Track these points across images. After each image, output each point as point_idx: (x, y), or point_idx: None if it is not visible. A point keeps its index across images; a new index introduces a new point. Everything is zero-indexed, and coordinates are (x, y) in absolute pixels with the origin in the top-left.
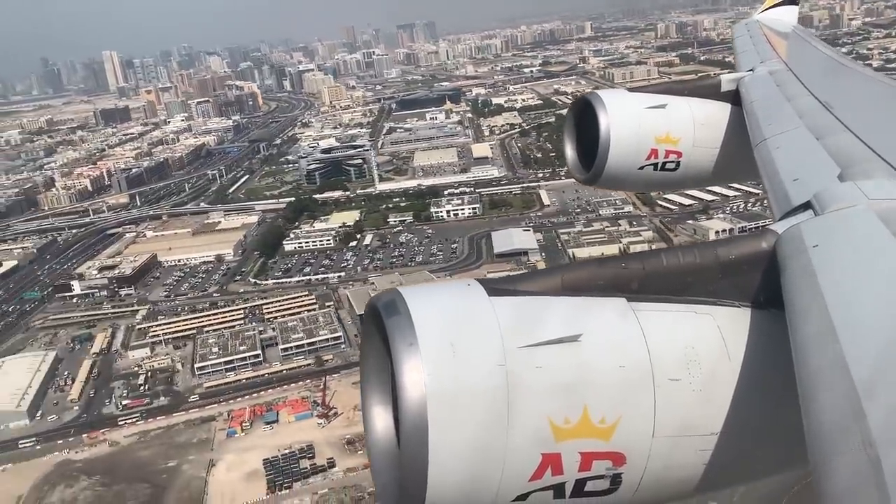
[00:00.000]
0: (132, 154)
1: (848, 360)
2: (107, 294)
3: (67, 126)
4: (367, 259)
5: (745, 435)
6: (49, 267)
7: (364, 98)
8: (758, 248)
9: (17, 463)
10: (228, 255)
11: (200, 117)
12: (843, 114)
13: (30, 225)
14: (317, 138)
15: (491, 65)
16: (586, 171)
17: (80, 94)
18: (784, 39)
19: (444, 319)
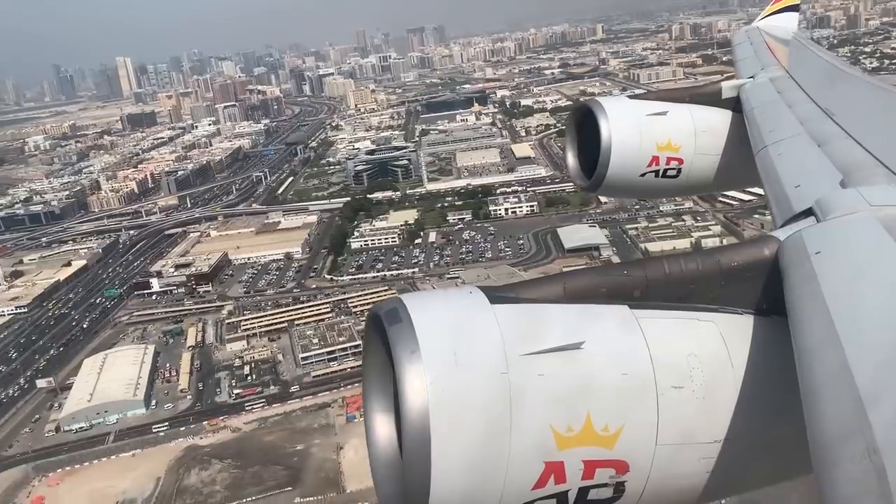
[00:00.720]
0: (171, 158)
1: (851, 367)
2: (185, 291)
3: (93, 131)
4: (436, 255)
5: (749, 443)
6: (116, 266)
7: (388, 101)
8: (760, 255)
9: (145, 448)
10: (297, 252)
11: (228, 121)
12: (845, 120)
13: (87, 226)
14: (352, 140)
15: (508, 67)
16: (588, 179)
17: (95, 100)
18: (784, 46)
19: (446, 327)
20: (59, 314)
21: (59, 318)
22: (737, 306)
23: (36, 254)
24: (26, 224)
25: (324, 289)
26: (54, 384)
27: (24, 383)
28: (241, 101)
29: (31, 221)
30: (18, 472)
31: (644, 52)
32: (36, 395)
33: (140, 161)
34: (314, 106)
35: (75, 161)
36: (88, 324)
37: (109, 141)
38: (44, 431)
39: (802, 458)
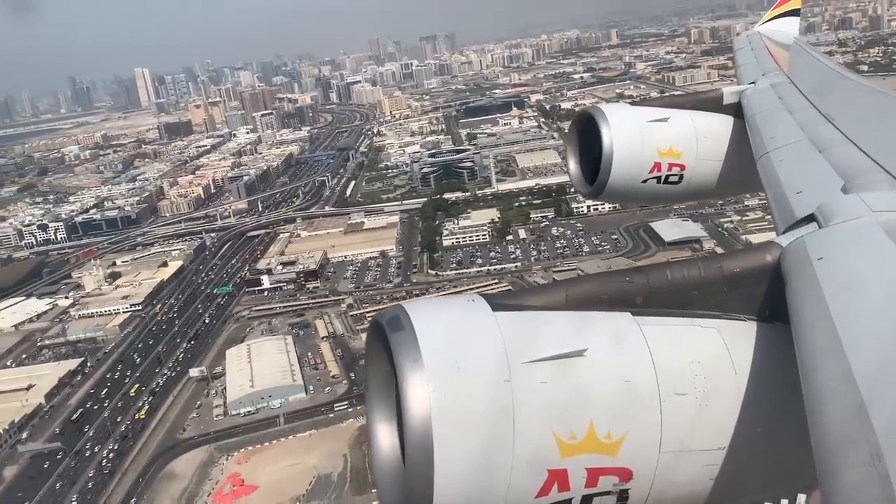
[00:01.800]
0: (227, 164)
1: (854, 373)
2: (294, 287)
3: (127, 141)
4: (532, 251)
5: (753, 449)
6: (211, 266)
7: (422, 107)
8: (762, 261)
9: (318, 429)
10: (391, 250)
11: (266, 129)
12: (846, 126)
13: (166, 230)
14: (401, 146)
15: (531, 72)
16: (590, 185)
17: (114, 111)
18: (785, 51)
19: (448, 335)
20: (175, 311)
21: (177, 314)
22: (739, 313)
23: (126, 256)
24: (103, 228)
25: (431, 283)
26: (206, 373)
27: (170, 373)
28: (277, 110)
29: (107, 226)
30: (202, 452)
31: (668, 56)
32: (188, 383)
33: (196, 168)
34: (345, 113)
35: (121, 169)
36: (209, 319)
37: (152, 149)
38: (212, 416)
39: (806, 465)
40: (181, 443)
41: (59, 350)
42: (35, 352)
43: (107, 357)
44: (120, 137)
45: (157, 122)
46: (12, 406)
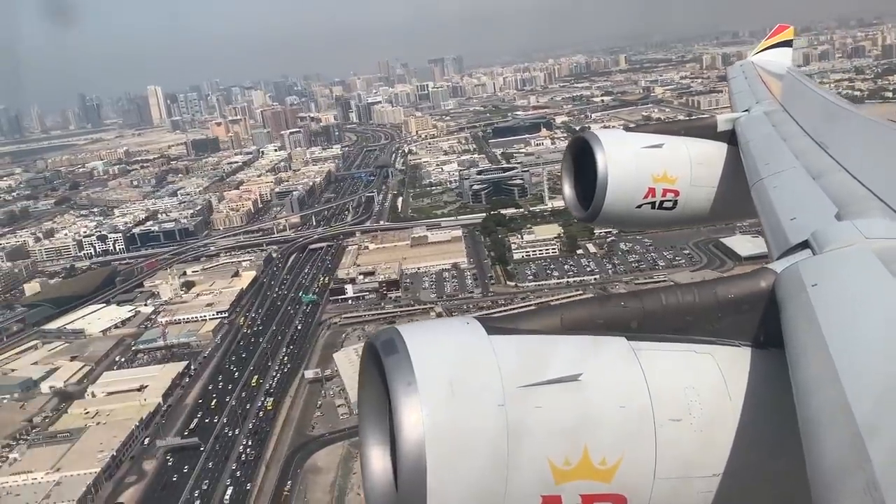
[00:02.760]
0: (269, 180)
1: (850, 400)
2: (376, 297)
3: (152, 157)
4: (608, 264)
5: (747, 476)
6: (284, 276)
7: (447, 127)
8: (757, 287)
9: None
10: (462, 262)
11: (294, 147)
12: (839, 153)
13: (227, 241)
14: (439, 164)
15: (549, 95)
16: (584, 210)
17: (125, 128)
18: (779, 80)
19: (443, 358)
20: (261, 318)
21: (264, 321)
22: (734, 338)
23: (195, 266)
24: (161, 240)
25: (511, 293)
26: (320, 374)
27: (279, 374)
28: (303, 128)
29: (165, 238)
30: (338, 448)
31: (683, 81)
32: (302, 384)
33: (239, 183)
34: (368, 133)
35: (154, 184)
36: (300, 325)
37: (183, 165)
38: (338, 415)
39: (802, 493)
40: (313, 439)
41: (153, 354)
42: (131, 356)
43: (208, 361)
44: (142, 153)
45: (177, 138)
46: (131, 405)
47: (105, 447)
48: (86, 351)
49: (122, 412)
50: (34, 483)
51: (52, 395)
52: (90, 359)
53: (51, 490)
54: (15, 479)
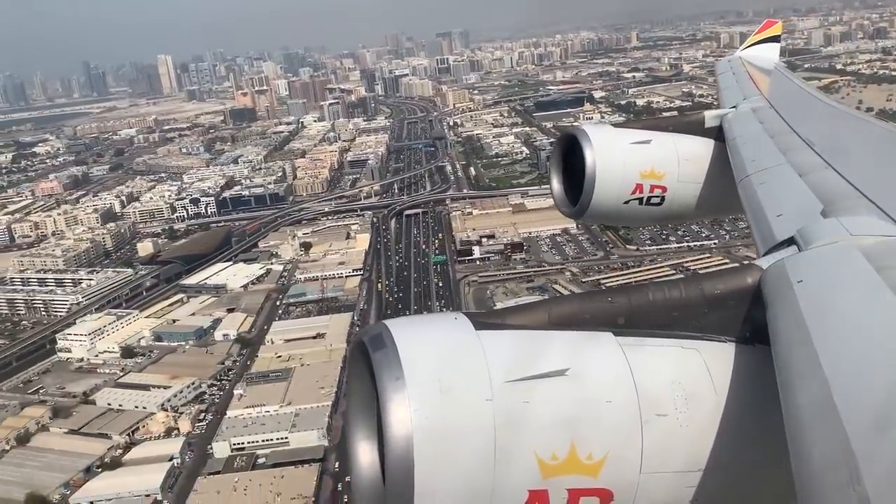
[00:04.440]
0: (333, 149)
1: (834, 395)
2: (501, 258)
3: (184, 125)
4: (721, 230)
5: (733, 471)
6: (396, 239)
7: (484, 101)
8: (743, 283)
9: None
10: (572, 227)
11: (332, 118)
12: (825, 151)
13: (323, 206)
14: (496, 136)
15: (571, 70)
16: (572, 206)
17: (136, 97)
18: (766, 76)
19: (430, 354)
20: (395, 276)
21: (399, 279)
22: (720, 334)
23: (304, 229)
24: (252, 204)
25: (634, 256)
26: None
27: None
28: (341, 100)
29: (256, 202)
30: None
31: (707, 59)
32: None
33: (302, 152)
34: (401, 105)
35: (203, 151)
36: (441, 283)
37: (229, 134)
38: None
39: (786, 487)
40: None
41: (304, 308)
42: (285, 308)
43: (366, 312)
44: (169, 122)
45: (199, 107)
46: (318, 350)
47: (324, 384)
48: (238, 304)
49: (312, 356)
50: (272, 415)
51: (234, 342)
52: (248, 311)
53: (294, 419)
54: (249, 412)
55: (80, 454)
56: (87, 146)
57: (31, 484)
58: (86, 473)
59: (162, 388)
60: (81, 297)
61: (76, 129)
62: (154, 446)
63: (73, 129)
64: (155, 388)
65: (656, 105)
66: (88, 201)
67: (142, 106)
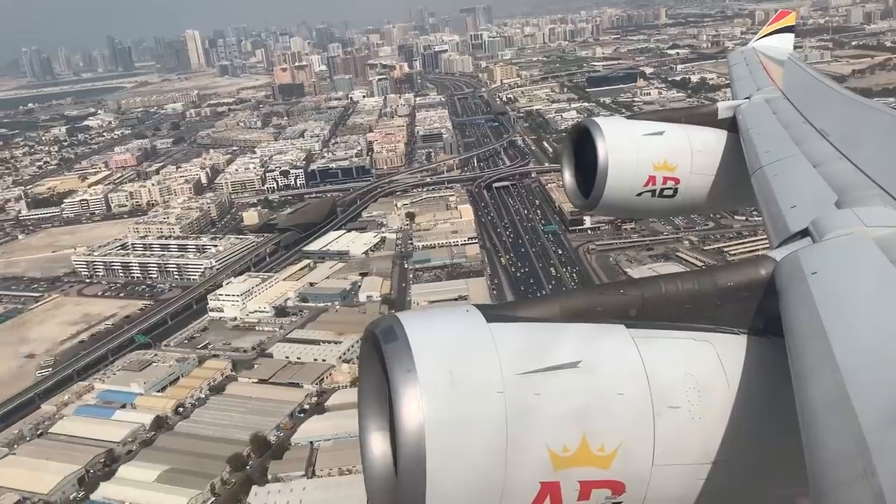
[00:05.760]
0: (399, 124)
1: (848, 387)
2: (610, 227)
3: (229, 100)
4: None
5: (745, 463)
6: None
7: (531, 76)
8: (756, 275)
9: None
10: None
11: (380, 94)
12: (840, 141)
13: (409, 180)
14: (558, 111)
15: (611, 47)
16: (584, 198)
17: (165, 72)
18: (780, 67)
19: (442, 346)
20: (509, 244)
21: (515, 247)
22: (733, 326)
23: (402, 200)
24: (339, 177)
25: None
26: None
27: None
28: (389, 76)
29: (343, 175)
30: None
31: (746, 36)
32: None
33: (367, 127)
34: (445, 81)
35: (259, 126)
36: (560, 251)
37: (284, 109)
38: None
39: (799, 480)
40: None
41: (431, 273)
42: (414, 273)
43: (493, 276)
44: (212, 97)
45: (236, 82)
46: None
47: None
48: (369, 268)
49: None
50: None
51: (381, 302)
52: (380, 275)
53: None
54: None
55: (278, 401)
56: (139, 120)
57: (248, 426)
58: (290, 418)
59: (333, 343)
60: (215, 261)
61: (120, 104)
62: (347, 394)
63: (117, 103)
64: (325, 343)
65: (711, 82)
66: (174, 173)
67: (173, 81)
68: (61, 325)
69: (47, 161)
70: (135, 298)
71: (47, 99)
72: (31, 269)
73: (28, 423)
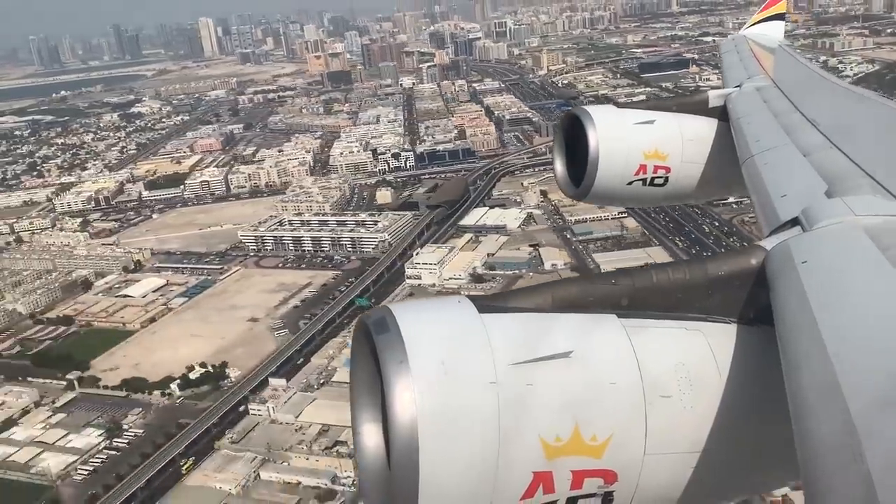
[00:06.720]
0: (477, 108)
1: (839, 376)
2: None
3: (269, 87)
4: None
5: (737, 451)
6: None
7: (576, 63)
8: (746, 264)
9: None
10: None
11: (428, 82)
12: (830, 130)
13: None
14: (627, 95)
15: (640, 34)
16: (575, 187)
17: (178, 60)
18: (771, 55)
19: (434, 337)
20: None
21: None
22: (724, 315)
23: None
24: (446, 158)
25: None
26: None
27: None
28: (437, 63)
29: (450, 157)
30: None
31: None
32: None
33: (447, 112)
34: (487, 69)
35: (323, 112)
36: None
37: (341, 95)
38: None
39: (791, 467)
40: None
41: (596, 244)
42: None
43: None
44: (249, 84)
45: (261, 69)
46: None
47: None
48: (537, 241)
49: None
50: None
51: (570, 270)
52: (552, 245)
53: None
54: None
55: None
56: (192, 106)
57: None
58: None
59: None
60: (387, 235)
61: (159, 91)
62: None
63: (156, 90)
64: None
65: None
66: (280, 156)
67: (193, 69)
68: (261, 292)
69: (124, 147)
70: (318, 269)
71: (77, 86)
72: (191, 245)
73: (305, 374)
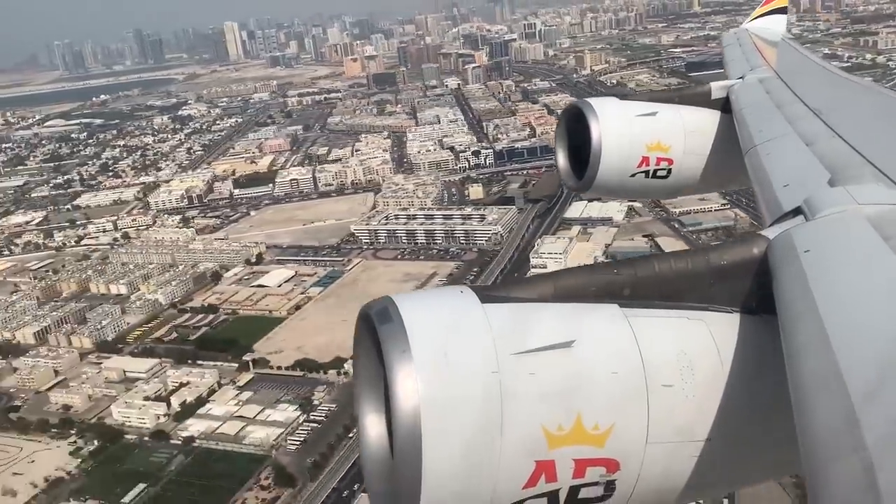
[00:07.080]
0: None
1: (841, 365)
2: None
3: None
4: None
5: (739, 440)
6: None
7: (618, 63)
8: (749, 253)
9: None
10: None
11: (474, 82)
12: (833, 120)
13: None
14: None
15: (672, 34)
16: (578, 179)
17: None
18: (773, 48)
19: (437, 327)
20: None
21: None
22: (726, 305)
23: None
24: (524, 155)
25: None
26: None
27: None
28: (481, 65)
29: (528, 154)
30: None
31: (801, 22)
32: None
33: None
34: (530, 70)
35: (375, 113)
36: None
37: (392, 97)
38: None
39: (792, 456)
40: None
41: (707, 234)
42: (691, 234)
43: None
44: (288, 87)
45: (293, 72)
46: None
47: None
48: (650, 231)
49: None
50: None
51: None
52: (665, 236)
53: None
54: None
55: None
56: (241, 109)
57: None
58: None
59: None
60: (500, 227)
61: (201, 94)
62: None
63: (197, 94)
64: None
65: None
66: (361, 154)
67: (222, 72)
68: (389, 282)
69: (190, 148)
70: (437, 260)
71: (99, 92)
72: (299, 240)
73: None
